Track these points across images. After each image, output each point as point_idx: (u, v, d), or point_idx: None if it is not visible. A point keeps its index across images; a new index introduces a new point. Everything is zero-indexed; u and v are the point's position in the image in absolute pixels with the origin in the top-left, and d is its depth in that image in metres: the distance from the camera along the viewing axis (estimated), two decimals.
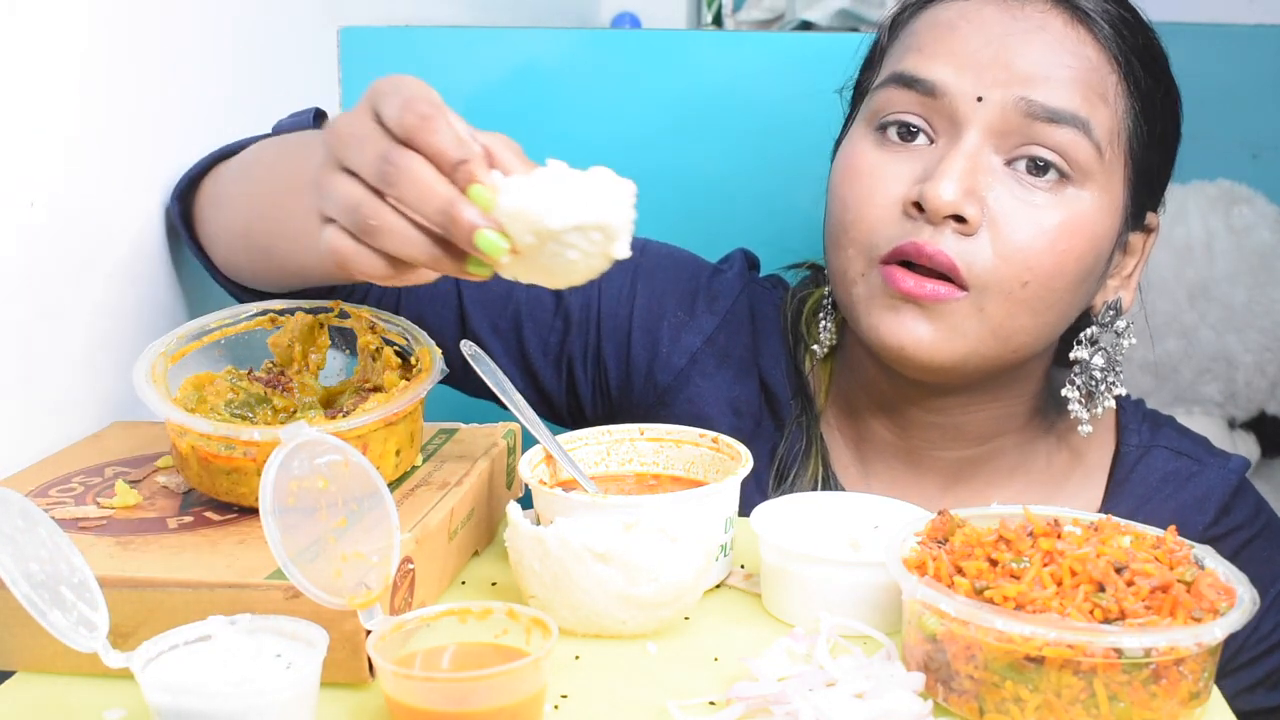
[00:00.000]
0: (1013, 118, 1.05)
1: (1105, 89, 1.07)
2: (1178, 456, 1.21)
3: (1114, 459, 1.22)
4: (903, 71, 1.09)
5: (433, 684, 0.76)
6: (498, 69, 1.68)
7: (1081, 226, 1.06)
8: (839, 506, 0.99)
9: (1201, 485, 1.19)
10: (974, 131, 1.06)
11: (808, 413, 1.23)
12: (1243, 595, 0.81)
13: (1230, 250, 2.00)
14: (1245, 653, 1.17)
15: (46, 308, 1.07)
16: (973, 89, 1.06)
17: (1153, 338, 2.00)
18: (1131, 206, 1.11)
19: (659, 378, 1.24)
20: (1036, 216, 1.05)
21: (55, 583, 0.74)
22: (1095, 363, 1.15)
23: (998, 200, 1.05)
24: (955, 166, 1.04)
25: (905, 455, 1.19)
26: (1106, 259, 1.11)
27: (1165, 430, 1.23)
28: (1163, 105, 1.12)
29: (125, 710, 0.80)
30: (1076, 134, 1.05)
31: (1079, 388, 1.15)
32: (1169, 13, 1.24)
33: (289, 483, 0.79)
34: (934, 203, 1.03)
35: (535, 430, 1.01)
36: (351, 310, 1.06)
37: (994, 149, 1.06)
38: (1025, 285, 1.05)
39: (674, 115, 1.65)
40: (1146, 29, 1.12)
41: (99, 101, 1.13)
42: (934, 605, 0.79)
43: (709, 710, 0.80)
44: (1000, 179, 1.06)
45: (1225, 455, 1.23)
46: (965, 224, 1.04)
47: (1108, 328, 1.15)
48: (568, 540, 0.87)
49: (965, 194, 1.04)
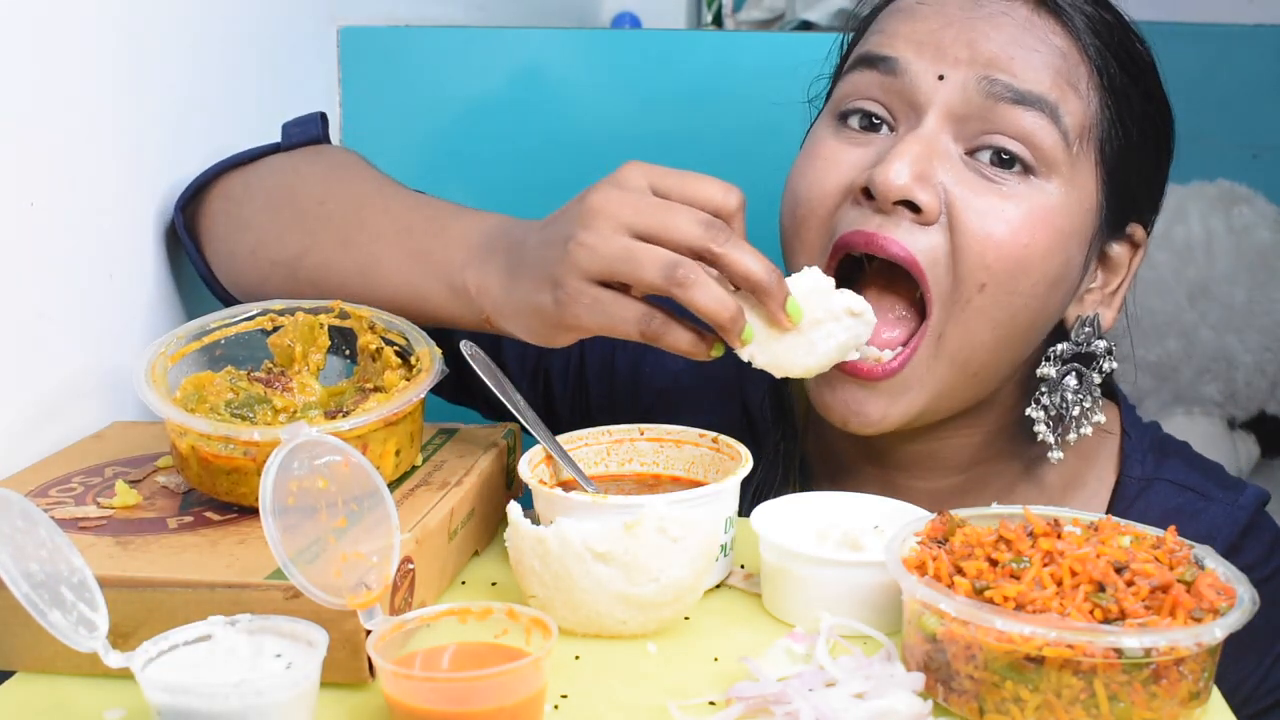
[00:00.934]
0: (975, 99, 1.00)
1: (1077, 79, 1.02)
2: (1182, 491, 1.14)
3: (1114, 490, 1.15)
4: (865, 52, 1.06)
5: (433, 684, 0.76)
6: (498, 69, 1.68)
7: (1046, 221, 1.00)
8: (839, 506, 0.99)
9: (1206, 523, 1.11)
10: (933, 115, 1.01)
11: (787, 439, 1.19)
12: (1243, 595, 0.81)
13: (1230, 250, 2.00)
14: (1255, 702, 1.12)
15: (47, 308, 1.07)
16: (934, 66, 1.02)
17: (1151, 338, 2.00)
18: (1108, 213, 1.06)
19: (642, 398, 1.23)
20: (995, 205, 1.00)
21: (55, 583, 0.74)
22: (1067, 383, 1.08)
23: (955, 186, 1.00)
24: (908, 149, 0.99)
25: (883, 487, 1.13)
26: (1080, 266, 1.05)
27: (1172, 461, 1.16)
28: (1143, 111, 1.07)
29: (125, 710, 0.80)
30: (1043, 119, 1.00)
31: (1045, 409, 1.08)
32: (1170, 13, 1.24)
33: (289, 483, 0.79)
34: (882, 187, 0.98)
35: (535, 430, 1.01)
36: (351, 310, 1.06)
37: (954, 136, 1.02)
38: (983, 289, 1.00)
39: (674, 115, 1.65)
40: (1127, 31, 1.07)
41: (99, 101, 1.13)
42: (934, 605, 0.79)
43: (709, 710, 0.80)
44: (958, 167, 1.01)
45: (1238, 489, 1.15)
46: (920, 213, 0.99)
47: (1082, 346, 1.08)
48: (568, 540, 0.87)
49: (917, 178, 0.99)
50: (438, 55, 1.69)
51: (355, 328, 1.06)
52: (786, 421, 1.21)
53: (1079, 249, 1.05)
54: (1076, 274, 1.06)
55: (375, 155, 1.24)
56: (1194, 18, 2.13)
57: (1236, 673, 1.07)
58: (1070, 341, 1.08)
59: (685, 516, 0.88)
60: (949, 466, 1.14)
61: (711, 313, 0.91)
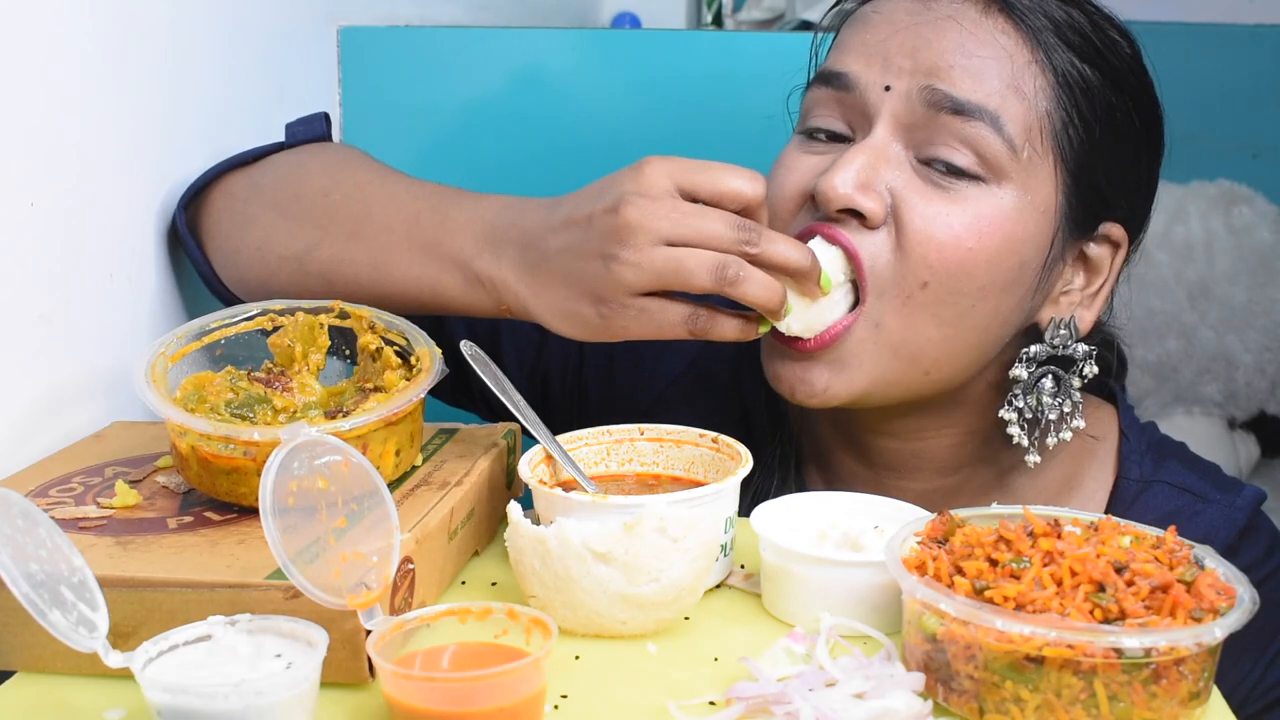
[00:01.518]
0: (918, 108, 1.02)
1: (1020, 80, 1.02)
2: (1180, 493, 1.14)
3: (1112, 492, 1.15)
4: (823, 69, 1.09)
5: (433, 684, 0.76)
6: (498, 69, 1.68)
7: (994, 226, 1.01)
8: (839, 506, 0.99)
9: (1204, 525, 1.11)
10: (881, 125, 1.03)
11: (783, 444, 1.20)
12: (1242, 595, 0.81)
13: (1230, 250, 2.00)
14: (1253, 703, 1.12)
15: (47, 308, 1.07)
16: (880, 78, 1.04)
17: (1151, 338, 2.00)
18: (1071, 213, 1.05)
19: (640, 400, 1.23)
20: (941, 210, 1.01)
21: (55, 583, 0.74)
22: (1043, 385, 1.08)
23: (900, 193, 1.02)
24: (854, 159, 1.02)
25: (874, 488, 1.13)
26: (1037, 268, 1.05)
27: (1170, 463, 1.16)
28: (1109, 106, 1.05)
29: (125, 710, 0.80)
30: (984, 127, 1.01)
31: (1020, 411, 1.08)
32: (1170, 13, 1.24)
33: (289, 483, 0.79)
34: (826, 194, 1.01)
35: (535, 430, 1.01)
36: (351, 310, 1.06)
37: (904, 144, 1.03)
38: (925, 287, 1.01)
39: (674, 115, 1.65)
40: (1096, 24, 1.06)
41: (99, 101, 1.13)
42: (934, 605, 0.79)
43: (709, 710, 0.80)
44: (906, 172, 1.03)
45: (1235, 489, 1.15)
46: (864, 219, 1.01)
47: (1059, 349, 1.08)
48: (568, 540, 0.87)
49: (861, 187, 1.01)
50: (438, 55, 1.69)
51: (355, 328, 1.06)
52: (783, 423, 1.21)
53: (1035, 252, 1.05)
54: (1033, 277, 1.06)
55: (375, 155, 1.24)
56: (1194, 18, 2.13)
57: (1235, 673, 1.07)
58: (1044, 344, 1.08)
59: (685, 516, 0.88)
60: (934, 468, 1.15)
61: (763, 301, 0.98)
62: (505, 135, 1.68)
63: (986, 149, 1.01)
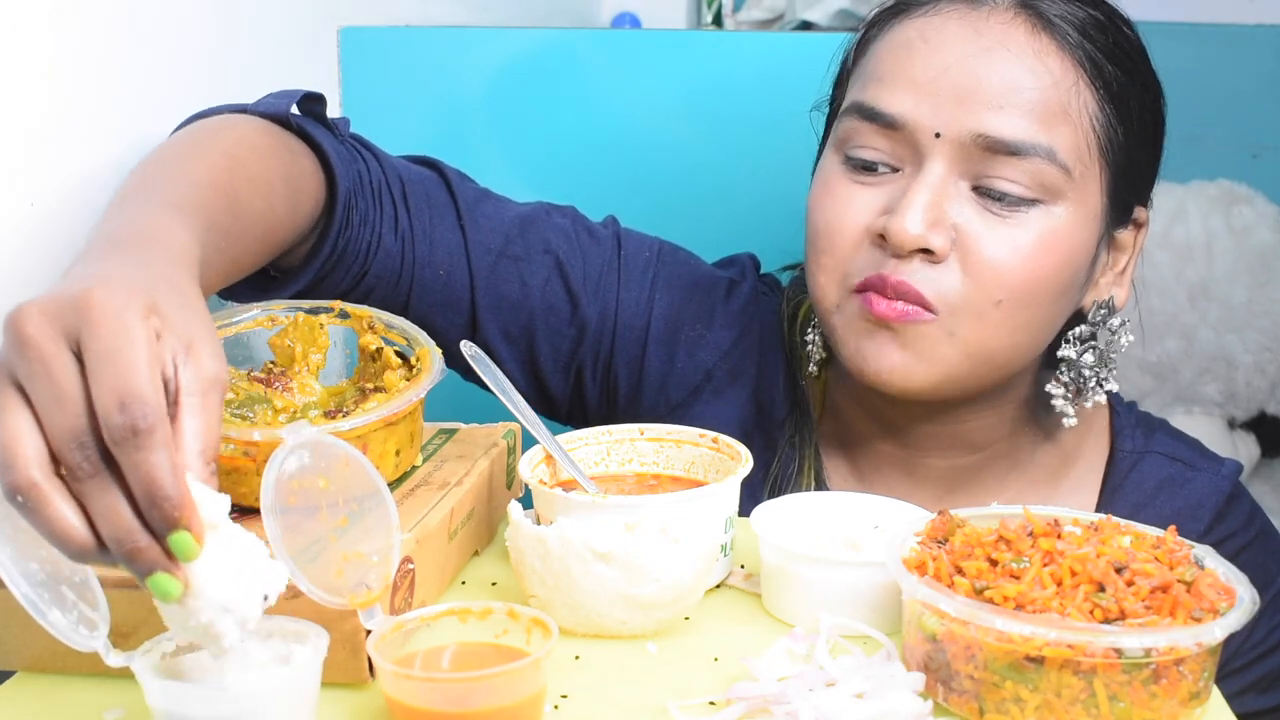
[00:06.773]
0: (973, 151, 1.04)
1: (1068, 103, 1.05)
2: (1172, 462, 1.20)
3: (1108, 463, 1.21)
4: (863, 103, 1.08)
5: (433, 684, 0.76)
6: (498, 69, 1.68)
7: (1056, 243, 1.05)
8: (839, 506, 0.99)
9: (1195, 492, 1.19)
10: (937, 162, 1.05)
11: (802, 430, 1.21)
12: (1242, 595, 0.81)
13: (1230, 250, 2.00)
14: (1239, 658, 1.17)
15: None
16: (930, 124, 1.04)
17: (1151, 338, 2.00)
18: (1113, 210, 1.10)
19: (671, 393, 1.23)
20: (1008, 235, 1.04)
21: (55, 582, 0.74)
22: (1085, 360, 1.14)
23: (968, 223, 1.04)
24: (919, 199, 1.04)
25: (902, 465, 1.19)
26: (1088, 266, 1.10)
27: (1159, 435, 1.23)
28: (1140, 102, 1.09)
29: (125, 710, 0.80)
30: (1040, 161, 1.03)
31: (1065, 385, 1.15)
32: (1170, 13, 1.24)
33: (289, 482, 0.78)
34: (898, 237, 1.03)
35: (535, 430, 1.01)
36: (351, 310, 1.06)
37: (960, 175, 1.05)
38: (999, 304, 1.05)
39: (674, 115, 1.65)
40: (1118, 26, 1.09)
41: (100, 101, 1.13)
42: (934, 605, 0.79)
43: (709, 710, 0.80)
44: (968, 202, 1.05)
45: (1219, 460, 1.22)
46: (933, 254, 1.04)
47: (1100, 325, 1.14)
48: (569, 540, 0.87)
49: (931, 225, 1.03)
50: (438, 55, 1.69)
51: (355, 328, 1.05)
52: (801, 409, 1.22)
53: (1087, 254, 1.09)
54: (1086, 273, 1.11)
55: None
56: (1194, 18, 2.13)
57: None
58: (1088, 323, 1.14)
59: (685, 516, 0.88)
60: (968, 445, 1.18)
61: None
62: (505, 135, 1.68)
63: (1043, 179, 1.04)
